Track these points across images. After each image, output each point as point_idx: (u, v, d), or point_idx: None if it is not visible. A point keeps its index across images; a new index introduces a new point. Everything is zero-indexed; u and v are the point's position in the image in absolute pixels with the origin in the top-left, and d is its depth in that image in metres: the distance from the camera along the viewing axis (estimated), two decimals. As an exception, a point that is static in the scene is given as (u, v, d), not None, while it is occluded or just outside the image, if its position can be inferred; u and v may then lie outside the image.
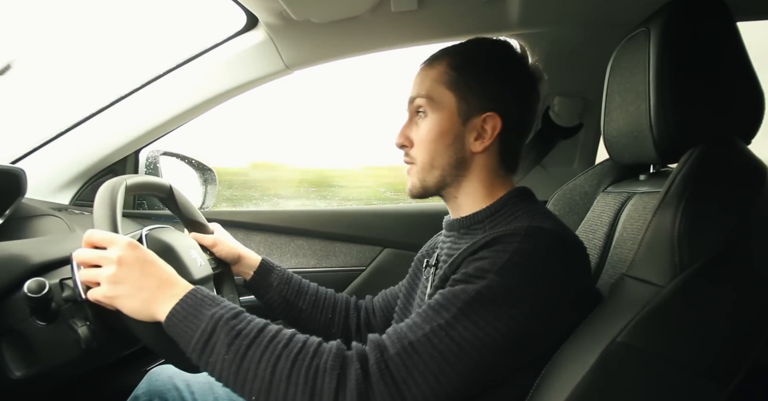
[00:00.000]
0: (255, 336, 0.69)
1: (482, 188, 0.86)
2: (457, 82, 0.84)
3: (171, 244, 0.93)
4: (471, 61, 0.86)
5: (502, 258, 0.69)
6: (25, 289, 0.77)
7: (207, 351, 0.69)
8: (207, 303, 0.72)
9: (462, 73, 0.84)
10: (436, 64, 0.87)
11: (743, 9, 1.07)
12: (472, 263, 0.72)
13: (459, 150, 0.85)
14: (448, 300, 0.69)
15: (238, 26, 1.38)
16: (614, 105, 0.94)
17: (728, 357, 0.64)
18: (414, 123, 0.88)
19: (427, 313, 0.70)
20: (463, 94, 0.84)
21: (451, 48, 0.89)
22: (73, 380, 1.02)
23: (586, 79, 1.49)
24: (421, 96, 0.86)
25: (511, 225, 0.75)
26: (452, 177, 0.86)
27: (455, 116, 0.84)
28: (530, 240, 0.71)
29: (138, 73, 1.41)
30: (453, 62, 0.86)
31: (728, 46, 0.78)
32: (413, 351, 0.66)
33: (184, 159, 1.63)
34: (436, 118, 0.85)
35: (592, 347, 0.65)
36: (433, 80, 0.86)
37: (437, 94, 0.85)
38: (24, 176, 1.08)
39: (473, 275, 0.70)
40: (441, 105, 0.85)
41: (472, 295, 0.68)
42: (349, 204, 2.70)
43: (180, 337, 0.71)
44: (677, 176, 0.70)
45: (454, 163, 0.85)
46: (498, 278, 0.68)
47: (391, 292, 1.13)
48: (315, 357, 0.67)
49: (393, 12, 1.28)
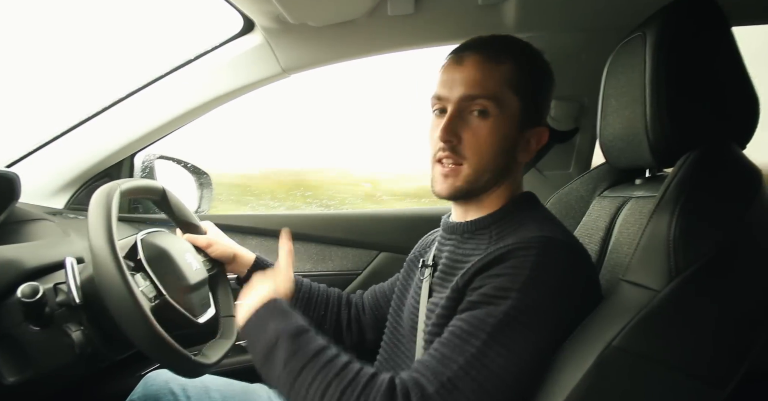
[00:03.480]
0: (310, 359, 0.70)
1: (506, 192, 0.86)
2: (526, 87, 0.81)
3: (166, 248, 0.92)
4: (539, 68, 0.84)
5: (521, 274, 0.68)
6: (19, 294, 0.76)
7: (267, 363, 0.73)
8: (276, 315, 0.77)
9: (533, 80, 0.82)
10: (501, 58, 0.80)
11: (738, 14, 1.07)
12: (489, 281, 0.71)
13: (511, 157, 0.83)
14: (475, 326, 0.68)
15: (235, 30, 1.38)
16: (610, 109, 0.94)
17: (724, 361, 0.64)
18: (463, 120, 0.81)
19: (454, 343, 0.68)
20: (528, 101, 0.81)
21: (511, 43, 0.83)
22: (67, 385, 1.01)
23: (582, 83, 1.49)
24: (487, 97, 0.79)
25: (521, 235, 0.74)
26: (494, 182, 0.84)
27: (516, 123, 0.81)
28: (546, 253, 0.70)
29: (134, 77, 1.41)
30: (521, 62, 0.81)
31: (723, 50, 0.78)
32: (453, 388, 0.65)
33: (179, 163, 1.62)
34: (500, 122, 0.80)
35: (588, 351, 0.65)
36: (500, 79, 0.80)
37: (504, 97, 0.80)
38: (18, 180, 1.08)
39: (495, 295, 0.69)
40: (506, 108, 0.80)
41: (499, 318, 0.67)
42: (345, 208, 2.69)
43: (249, 344, 0.77)
44: (673, 181, 0.70)
45: (502, 170, 0.83)
46: (521, 295, 0.67)
47: (381, 290, 1.13)
48: (363, 393, 0.66)
49: (390, 16, 1.28)
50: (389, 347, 0.97)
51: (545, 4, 1.29)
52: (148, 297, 0.86)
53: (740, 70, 0.78)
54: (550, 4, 1.29)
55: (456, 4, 1.28)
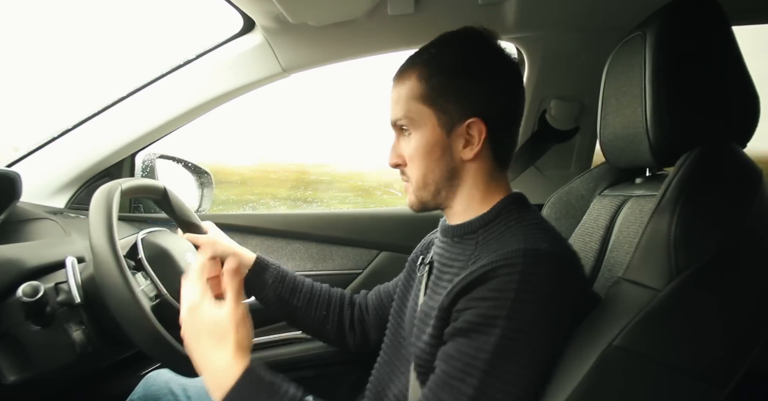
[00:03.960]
0: None
1: (478, 193, 0.84)
2: (430, 94, 0.81)
3: (167, 248, 0.93)
4: (440, 68, 0.81)
5: (507, 298, 0.66)
6: (20, 293, 0.77)
7: None
8: (261, 391, 0.71)
9: (433, 83, 0.81)
10: (405, 78, 0.83)
11: (738, 13, 1.07)
12: (474, 304, 0.69)
13: (449, 161, 0.82)
14: (468, 364, 0.67)
15: (235, 29, 1.38)
16: (610, 108, 0.94)
17: (725, 361, 0.64)
18: (402, 141, 0.86)
19: (451, 385, 0.67)
20: (440, 105, 0.81)
21: (418, 56, 0.84)
22: (68, 384, 1.01)
23: (582, 83, 1.49)
24: (399, 118, 0.83)
25: (505, 248, 0.72)
26: (447, 188, 0.84)
27: (438, 129, 0.81)
28: (531, 270, 0.68)
29: (135, 76, 1.41)
30: (422, 73, 0.81)
31: (723, 49, 0.78)
32: None
33: (180, 162, 1.62)
34: (420, 135, 0.82)
35: (589, 351, 0.65)
36: (406, 98, 0.82)
37: (415, 112, 0.82)
38: (19, 179, 1.08)
39: (482, 323, 0.67)
40: (421, 122, 0.82)
41: (491, 352, 0.66)
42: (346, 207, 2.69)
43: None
44: (673, 179, 0.70)
45: (446, 175, 0.83)
46: (509, 323, 0.66)
47: (385, 290, 1.13)
48: None
49: (390, 15, 1.28)
50: (390, 348, 0.96)
51: (545, 4, 1.29)
52: (149, 297, 0.86)
53: (741, 69, 0.78)
54: (550, 4, 1.29)
55: (456, 3, 1.28)
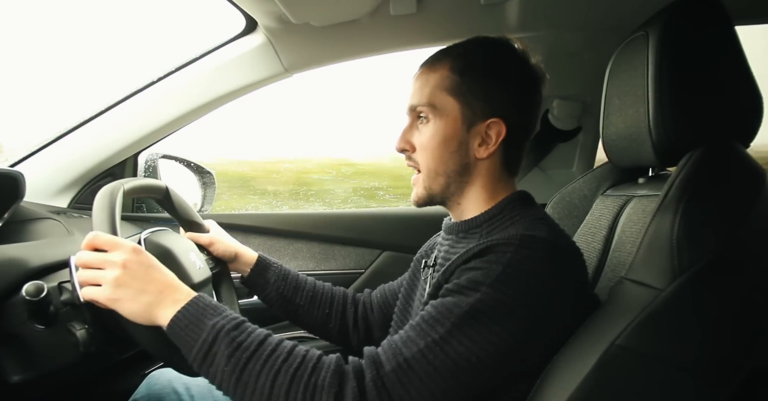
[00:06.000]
0: (255, 349, 0.69)
1: (485, 192, 0.85)
2: (460, 88, 0.82)
3: (170, 248, 0.93)
4: (473, 64, 0.83)
5: (495, 270, 0.69)
6: (24, 293, 0.77)
7: (207, 361, 0.69)
8: (209, 312, 0.72)
9: (465, 78, 0.82)
10: (437, 67, 0.84)
11: (742, 13, 1.07)
12: (465, 273, 0.72)
13: (463, 156, 0.84)
14: (442, 314, 0.69)
15: (238, 29, 1.38)
16: (613, 108, 0.94)
17: (727, 360, 0.64)
18: (415, 127, 0.86)
19: (421, 327, 0.70)
20: (467, 100, 0.82)
21: (453, 49, 0.86)
22: (71, 384, 1.02)
23: (585, 83, 1.49)
24: (422, 104, 0.84)
25: (506, 233, 0.74)
26: (456, 184, 0.85)
27: (459, 123, 0.83)
28: (523, 251, 0.70)
29: (137, 76, 1.41)
30: (455, 66, 0.83)
31: (726, 49, 0.78)
32: (408, 368, 0.66)
33: (183, 162, 1.62)
34: (440, 125, 0.83)
35: (591, 350, 0.65)
36: (434, 86, 0.83)
37: (440, 102, 0.83)
38: (22, 179, 1.08)
39: (466, 287, 0.70)
40: (444, 112, 0.83)
41: (465, 310, 0.68)
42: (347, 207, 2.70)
43: (182, 345, 0.71)
44: (676, 179, 0.70)
45: (458, 170, 0.84)
46: (491, 291, 0.68)
47: (390, 289, 1.13)
48: (313, 374, 0.67)
49: (392, 15, 1.28)
50: None
51: (548, 4, 1.29)
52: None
53: (744, 68, 0.78)
54: (552, 4, 1.29)
55: (458, 3, 1.27)
